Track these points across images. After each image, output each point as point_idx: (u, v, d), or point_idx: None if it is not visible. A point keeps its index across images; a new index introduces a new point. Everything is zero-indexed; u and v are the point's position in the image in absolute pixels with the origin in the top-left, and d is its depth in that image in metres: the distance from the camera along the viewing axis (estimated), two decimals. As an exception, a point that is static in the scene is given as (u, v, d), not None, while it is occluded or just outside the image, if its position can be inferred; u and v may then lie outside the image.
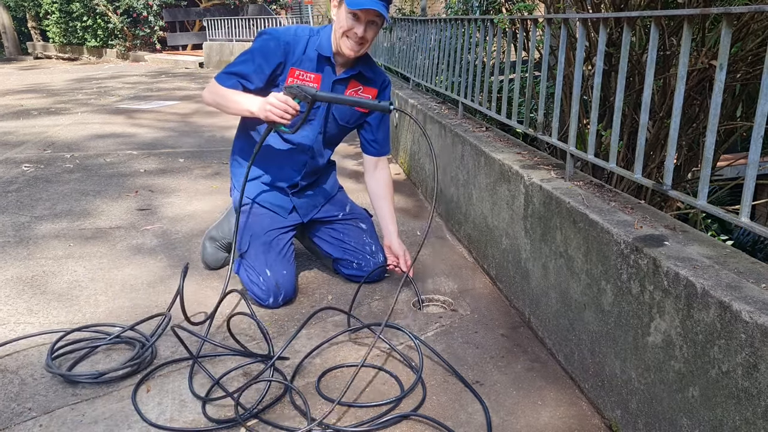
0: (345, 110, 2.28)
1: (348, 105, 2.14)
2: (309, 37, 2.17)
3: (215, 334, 2.03)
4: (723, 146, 2.75)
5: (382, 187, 2.42)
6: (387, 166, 2.46)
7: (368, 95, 2.29)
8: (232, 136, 5.68)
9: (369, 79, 2.28)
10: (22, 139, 5.18)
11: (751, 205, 1.31)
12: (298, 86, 2.02)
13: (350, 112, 2.30)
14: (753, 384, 1.10)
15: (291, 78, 2.15)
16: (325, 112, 2.26)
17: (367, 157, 2.44)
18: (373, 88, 2.30)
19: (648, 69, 1.58)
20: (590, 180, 1.99)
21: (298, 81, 2.15)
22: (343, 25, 2.06)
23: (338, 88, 2.23)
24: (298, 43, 2.15)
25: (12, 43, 18.80)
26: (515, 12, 2.70)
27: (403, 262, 2.33)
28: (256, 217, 2.30)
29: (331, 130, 2.32)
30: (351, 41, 2.08)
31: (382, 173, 2.43)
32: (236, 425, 1.60)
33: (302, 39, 2.16)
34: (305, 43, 2.16)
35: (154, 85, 9.34)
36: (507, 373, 1.84)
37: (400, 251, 2.34)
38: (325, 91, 2.07)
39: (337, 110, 2.27)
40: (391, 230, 2.37)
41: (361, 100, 2.12)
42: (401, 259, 2.33)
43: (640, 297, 1.44)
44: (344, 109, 2.28)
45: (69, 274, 2.50)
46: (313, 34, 2.18)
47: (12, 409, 1.65)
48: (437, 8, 9.42)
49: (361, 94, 2.28)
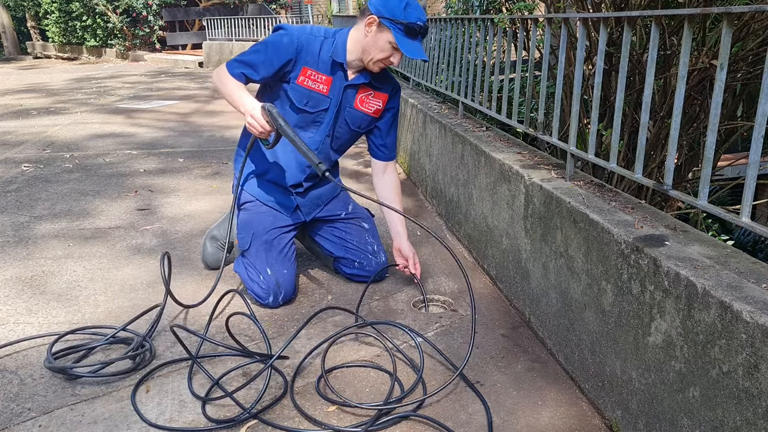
0: (357, 114, 2.28)
1: (296, 148, 2.05)
2: (324, 38, 2.17)
3: (214, 335, 2.03)
4: (723, 146, 2.74)
5: (391, 192, 2.41)
6: (395, 170, 2.46)
7: (379, 100, 2.30)
8: (231, 136, 5.69)
9: (380, 84, 2.28)
10: (22, 138, 5.18)
11: (752, 205, 1.31)
12: (270, 112, 2.03)
13: (362, 117, 2.30)
14: (754, 384, 1.10)
15: (303, 77, 2.16)
16: (334, 116, 2.25)
17: (375, 161, 2.43)
18: (383, 93, 2.30)
19: (648, 68, 1.57)
20: (591, 180, 1.99)
21: (310, 81, 2.17)
22: (381, 52, 2.09)
23: (349, 93, 2.23)
24: (312, 43, 2.16)
25: (11, 43, 18.80)
26: (515, 11, 2.69)
27: (412, 265, 2.33)
28: (258, 215, 2.30)
29: (342, 134, 2.31)
30: (382, 63, 2.14)
31: (391, 177, 2.43)
32: (236, 425, 1.60)
33: (317, 40, 2.16)
34: (320, 45, 2.17)
35: (154, 84, 9.34)
36: (507, 373, 1.84)
37: (410, 254, 2.34)
38: (291, 129, 2.03)
39: (350, 114, 2.27)
40: (401, 232, 2.36)
41: (307, 151, 2.02)
42: (410, 262, 2.34)
43: (640, 297, 1.44)
44: (356, 113, 2.27)
45: (68, 274, 2.50)
46: (328, 36, 2.18)
47: (11, 410, 1.65)
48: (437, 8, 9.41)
49: (372, 99, 2.28)
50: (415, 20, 2.05)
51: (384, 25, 2.06)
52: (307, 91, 2.18)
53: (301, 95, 2.18)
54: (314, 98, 2.19)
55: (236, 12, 14.44)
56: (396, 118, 2.40)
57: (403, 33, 2.05)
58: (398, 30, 2.05)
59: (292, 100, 2.19)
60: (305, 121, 2.23)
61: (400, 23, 2.04)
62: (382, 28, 2.06)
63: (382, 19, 2.05)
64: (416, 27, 2.05)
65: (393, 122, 2.39)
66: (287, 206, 2.34)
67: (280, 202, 2.33)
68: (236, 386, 1.74)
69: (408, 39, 2.06)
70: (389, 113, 2.36)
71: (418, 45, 2.09)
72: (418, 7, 2.08)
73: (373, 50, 2.10)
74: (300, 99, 2.19)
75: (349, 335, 2.04)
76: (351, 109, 2.26)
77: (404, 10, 2.04)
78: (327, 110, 2.23)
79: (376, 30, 2.08)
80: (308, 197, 2.38)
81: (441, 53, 3.51)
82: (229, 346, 1.90)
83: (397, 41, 2.04)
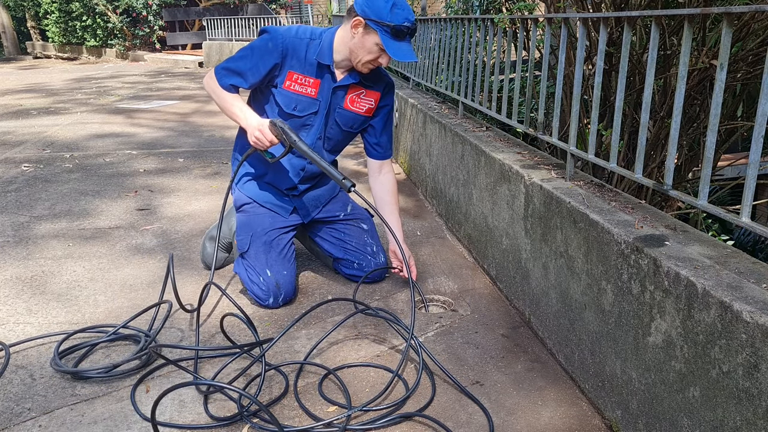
0: (348, 114, 2.26)
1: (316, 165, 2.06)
2: (310, 40, 2.13)
3: (213, 335, 2.03)
4: (724, 146, 2.74)
5: (388, 193, 2.38)
6: (392, 169, 2.43)
7: (371, 99, 2.27)
8: (231, 136, 5.68)
9: (371, 83, 2.25)
10: (22, 138, 5.18)
11: (752, 205, 1.31)
12: (282, 128, 2.02)
13: (353, 117, 2.27)
14: (754, 384, 1.10)
15: (289, 81, 2.14)
16: (324, 118, 2.23)
17: (370, 160, 2.42)
18: (375, 91, 2.27)
19: (648, 68, 1.57)
20: (591, 180, 1.99)
21: (297, 85, 2.14)
22: (369, 54, 2.05)
23: (338, 94, 2.21)
24: (298, 46, 2.12)
25: (11, 43, 18.79)
26: (515, 11, 2.69)
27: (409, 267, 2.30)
28: (256, 217, 2.29)
29: (334, 135, 2.30)
30: (370, 65, 2.11)
31: (387, 177, 2.40)
32: (236, 423, 1.60)
33: (303, 42, 2.13)
34: (305, 47, 2.13)
35: (154, 84, 9.34)
36: (507, 374, 1.84)
37: None
38: (305, 145, 2.02)
39: (340, 115, 2.25)
40: (397, 235, 2.35)
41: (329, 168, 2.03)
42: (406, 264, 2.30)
43: (640, 297, 1.44)
44: (347, 113, 2.25)
45: (68, 274, 2.50)
46: (314, 37, 2.14)
47: (11, 410, 1.65)
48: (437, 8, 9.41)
49: (363, 98, 2.25)
50: (401, 21, 1.98)
51: (370, 27, 2.01)
52: (295, 96, 2.15)
53: (289, 100, 2.16)
54: (302, 102, 2.17)
55: (236, 12, 14.44)
56: (390, 116, 2.37)
57: (389, 35, 2.00)
58: (385, 32, 1.99)
59: (280, 105, 2.17)
60: (295, 125, 2.21)
61: (386, 25, 1.98)
62: (369, 29, 2.02)
63: (368, 20, 2.00)
64: (403, 29, 1.99)
65: (387, 120, 2.36)
66: (285, 208, 2.34)
67: (278, 203, 2.33)
68: (236, 385, 1.74)
69: (395, 41, 2.01)
70: (383, 111, 2.33)
71: (406, 46, 2.03)
72: (405, 7, 2.02)
73: (360, 52, 2.07)
74: (288, 104, 2.16)
75: (349, 334, 2.04)
76: (341, 110, 2.24)
77: (390, 12, 1.98)
78: (316, 113, 2.20)
79: (363, 32, 2.03)
80: (306, 198, 2.37)
81: (441, 53, 3.51)
82: (221, 346, 1.90)
83: (384, 44, 1.99)
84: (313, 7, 13.20)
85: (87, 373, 1.78)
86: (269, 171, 2.32)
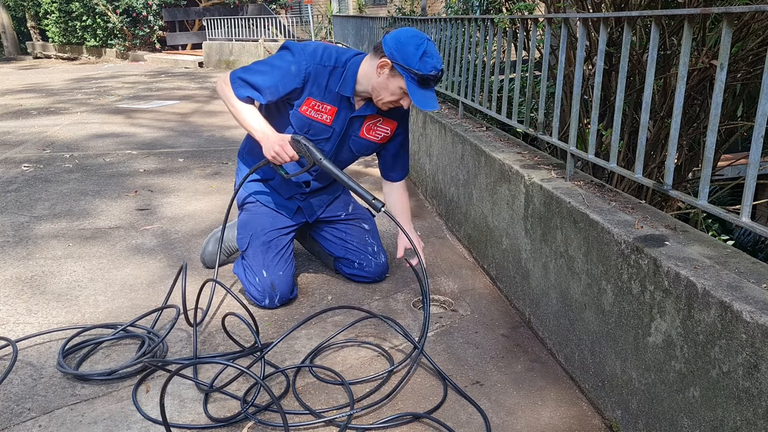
0: (362, 142, 2.22)
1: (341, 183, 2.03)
2: (334, 67, 2.07)
3: (213, 334, 2.03)
4: (724, 146, 2.74)
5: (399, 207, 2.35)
6: (405, 189, 2.39)
7: (387, 127, 2.23)
8: (231, 136, 5.68)
9: (389, 112, 2.19)
10: (22, 138, 5.18)
11: (752, 205, 1.31)
12: (306, 145, 1.99)
13: (367, 144, 2.24)
14: (754, 384, 1.10)
15: (306, 107, 2.09)
16: (338, 141, 2.19)
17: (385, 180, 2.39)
18: (392, 120, 2.23)
19: (648, 69, 1.57)
20: (591, 180, 1.99)
21: (313, 111, 2.10)
22: (392, 96, 2.01)
23: (355, 123, 2.17)
24: (320, 73, 2.06)
25: (11, 43, 18.80)
26: (515, 11, 2.69)
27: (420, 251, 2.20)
28: (258, 216, 2.29)
29: (345, 159, 2.28)
30: (391, 105, 2.07)
31: (399, 191, 2.37)
32: (235, 423, 1.60)
33: (326, 70, 2.06)
34: (328, 75, 2.07)
35: (154, 84, 9.34)
36: (507, 373, 1.84)
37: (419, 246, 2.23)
38: (330, 162, 2.00)
39: (354, 142, 2.22)
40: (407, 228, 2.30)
41: (357, 188, 2.00)
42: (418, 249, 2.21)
43: (640, 297, 1.44)
44: (362, 141, 2.22)
45: (68, 274, 2.50)
46: (339, 65, 2.08)
47: (11, 410, 1.65)
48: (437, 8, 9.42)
49: (380, 126, 2.21)
50: (429, 71, 1.93)
51: (397, 71, 1.95)
52: (309, 120, 2.12)
53: (303, 123, 2.12)
54: (315, 127, 2.14)
55: (236, 12, 14.44)
56: (405, 143, 2.32)
57: (416, 83, 1.94)
58: (411, 79, 1.94)
59: (293, 125, 2.14)
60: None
61: (414, 73, 1.92)
62: (395, 73, 1.96)
63: (395, 64, 1.94)
64: (430, 78, 1.94)
65: (401, 147, 2.32)
66: (289, 209, 2.33)
67: (282, 204, 2.33)
68: (236, 385, 1.74)
69: (420, 89, 1.96)
70: (398, 138, 2.29)
71: (431, 94, 1.98)
72: (434, 55, 1.95)
73: (383, 92, 2.02)
74: (301, 126, 2.13)
75: (348, 333, 2.04)
76: (356, 138, 2.21)
77: (420, 60, 1.92)
78: (329, 139, 2.17)
79: (389, 74, 1.98)
80: (310, 200, 2.37)
81: (441, 53, 3.51)
82: (222, 353, 1.90)
83: (409, 90, 1.94)
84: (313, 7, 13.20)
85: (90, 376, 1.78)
86: (276, 176, 2.31)
